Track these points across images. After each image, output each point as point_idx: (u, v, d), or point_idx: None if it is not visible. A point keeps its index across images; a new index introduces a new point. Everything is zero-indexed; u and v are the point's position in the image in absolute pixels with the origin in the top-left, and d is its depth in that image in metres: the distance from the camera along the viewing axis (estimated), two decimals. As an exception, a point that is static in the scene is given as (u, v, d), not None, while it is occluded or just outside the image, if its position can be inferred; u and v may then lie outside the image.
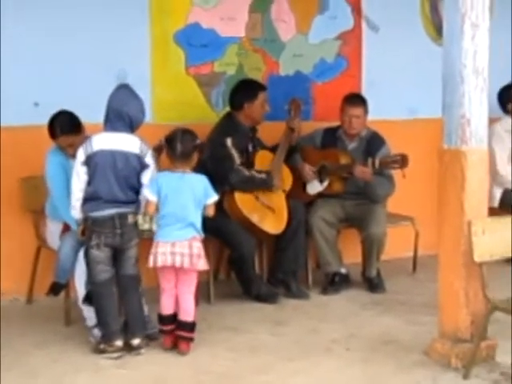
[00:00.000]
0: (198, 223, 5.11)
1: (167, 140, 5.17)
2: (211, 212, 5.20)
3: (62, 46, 6.18)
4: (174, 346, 5.15)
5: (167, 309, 5.16)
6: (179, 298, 5.13)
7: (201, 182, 5.16)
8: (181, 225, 5.05)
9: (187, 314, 5.12)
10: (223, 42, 6.80)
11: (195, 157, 5.19)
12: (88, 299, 5.23)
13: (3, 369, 4.78)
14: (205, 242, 5.28)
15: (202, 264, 5.10)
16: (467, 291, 4.80)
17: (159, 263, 5.05)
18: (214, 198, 5.20)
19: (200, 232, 5.13)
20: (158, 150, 5.35)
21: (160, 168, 5.26)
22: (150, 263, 5.07)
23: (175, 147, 5.09)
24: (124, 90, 5.24)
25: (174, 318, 5.15)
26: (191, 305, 5.14)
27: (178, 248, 5.03)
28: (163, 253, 5.03)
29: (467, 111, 4.78)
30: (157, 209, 5.09)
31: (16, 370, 4.83)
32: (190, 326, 5.12)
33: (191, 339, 5.14)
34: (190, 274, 5.11)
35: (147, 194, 5.08)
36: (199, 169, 5.44)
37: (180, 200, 5.06)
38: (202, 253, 5.11)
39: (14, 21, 6.04)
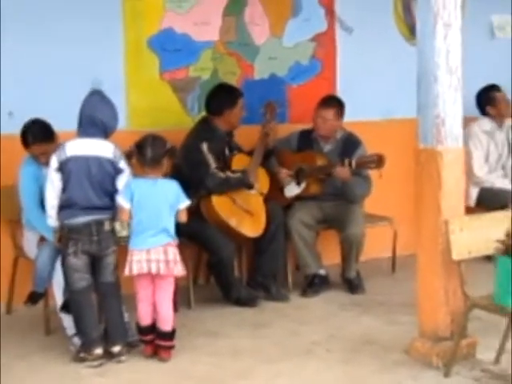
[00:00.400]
0: (172, 229, 5.09)
1: (137, 146, 5.15)
2: (183, 217, 5.17)
3: (35, 55, 6.14)
4: (155, 354, 5.13)
5: (145, 319, 5.11)
6: (157, 306, 5.09)
7: (173, 187, 5.14)
8: (154, 231, 5.03)
9: (166, 322, 5.08)
10: (197, 46, 6.78)
11: (165, 162, 5.15)
12: (66, 307, 5.21)
13: (-16, 380, 4.76)
14: (183, 247, 5.28)
15: (179, 270, 5.08)
16: (446, 289, 4.82)
17: (135, 271, 5.02)
18: (186, 203, 5.17)
19: (174, 237, 5.10)
20: (128, 157, 5.32)
21: (132, 174, 5.22)
22: (126, 272, 5.05)
23: (145, 153, 5.07)
24: (96, 96, 5.23)
25: (152, 328, 5.11)
26: (169, 312, 5.10)
27: (153, 255, 5.01)
28: (138, 260, 5.01)
29: (441, 111, 4.80)
30: (131, 216, 5.07)
31: (-3, 381, 4.81)
32: (170, 335, 5.09)
33: (171, 347, 5.12)
34: (167, 280, 5.08)
35: (121, 201, 5.05)
36: (174, 174, 5.41)
37: (153, 206, 5.04)
38: (178, 258, 5.09)
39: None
